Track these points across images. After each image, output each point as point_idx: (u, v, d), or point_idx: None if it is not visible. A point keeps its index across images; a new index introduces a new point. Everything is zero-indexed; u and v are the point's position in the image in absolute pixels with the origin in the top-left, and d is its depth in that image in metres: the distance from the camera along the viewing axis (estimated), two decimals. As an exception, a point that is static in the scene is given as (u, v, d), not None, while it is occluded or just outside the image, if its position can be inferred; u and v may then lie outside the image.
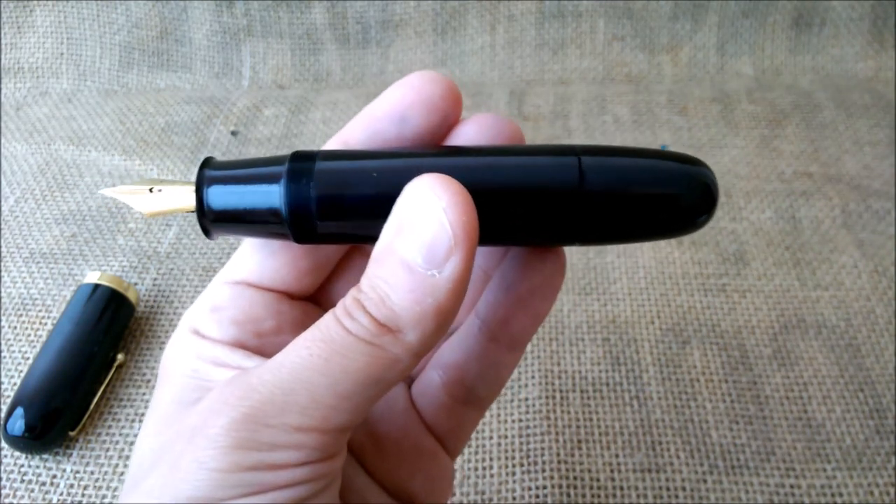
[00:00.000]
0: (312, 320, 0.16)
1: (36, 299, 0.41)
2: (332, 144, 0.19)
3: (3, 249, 0.44)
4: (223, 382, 0.16)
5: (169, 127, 0.53)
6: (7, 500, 0.33)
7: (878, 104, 0.52)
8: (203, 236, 0.45)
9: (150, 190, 0.18)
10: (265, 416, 0.15)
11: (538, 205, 0.17)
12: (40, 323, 0.40)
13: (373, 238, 0.16)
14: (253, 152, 0.51)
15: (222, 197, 0.17)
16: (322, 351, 0.15)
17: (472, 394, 0.21)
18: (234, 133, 0.53)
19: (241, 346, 0.18)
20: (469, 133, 0.18)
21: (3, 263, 0.43)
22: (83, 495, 0.33)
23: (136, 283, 0.42)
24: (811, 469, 0.33)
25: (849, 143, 0.49)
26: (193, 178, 0.18)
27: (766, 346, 0.38)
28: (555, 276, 0.20)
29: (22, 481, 0.33)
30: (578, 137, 0.51)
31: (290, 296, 0.19)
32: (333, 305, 0.17)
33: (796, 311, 0.39)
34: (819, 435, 0.34)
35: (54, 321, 0.39)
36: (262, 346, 0.18)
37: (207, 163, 0.18)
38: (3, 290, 0.42)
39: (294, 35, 0.58)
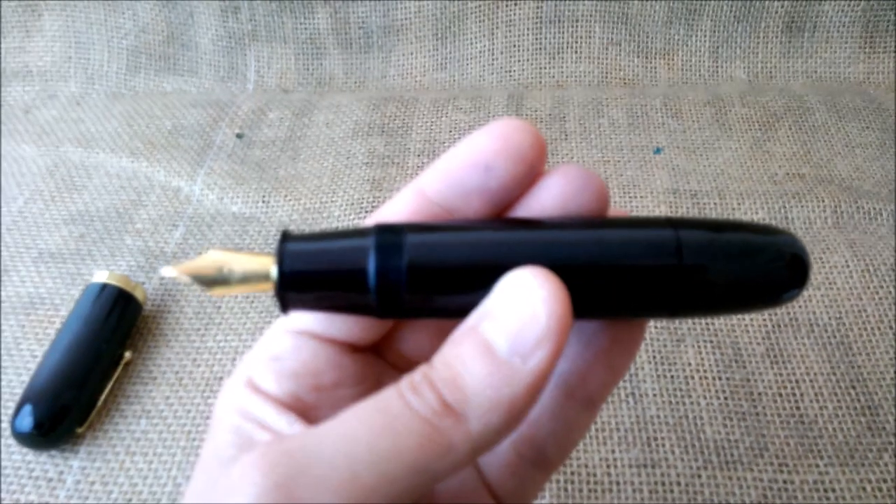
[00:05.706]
0: (373, 374, 0.16)
1: (45, 298, 0.41)
2: (406, 192, 0.18)
3: (13, 249, 0.44)
4: (261, 444, 0.15)
5: (175, 129, 0.54)
6: (15, 496, 0.33)
7: (868, 107, 0.52)
8: (208, 242, 0.46)
9: (220, 269, 0.17)
10: (297, 490, 0.13)
11: (635, 281, 0.16)
12: (49, 321, 0.40)
13: (457, 312, 0.16)
14: (258, 154, 0.52)
15: (306, 271, 0.16)
16: (375, 423, 0.14)
17: (542, 454, 0.19)
18: (239, 136, 0.53)
19: (298, 400, 0.17)
20: (554, 187, 0.17)
21: (12, 263, 0.44)
22: (90, 491, 0.33)
23: (143, 283, 0.42)
24: (804, 465, 0.33)
25: (840, 145, 0.50)
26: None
27: (758, 344, 0.38)
28: (638, 327, 0.19)
29: (30, 477, 0.34)
30: (575, 140, 0.51)
31: (353, 347, 0.18)
32: (396, 355, 0.17)
33: (788, 309, 0.39)
34: (811, 431, 0.34)
35: (63, 320, 0.39)
36: (319, 400, 0.17)
37: (287, 237, 0.17)
38: (12, 289, 0.42)
39: (298, 40, 0.59)
